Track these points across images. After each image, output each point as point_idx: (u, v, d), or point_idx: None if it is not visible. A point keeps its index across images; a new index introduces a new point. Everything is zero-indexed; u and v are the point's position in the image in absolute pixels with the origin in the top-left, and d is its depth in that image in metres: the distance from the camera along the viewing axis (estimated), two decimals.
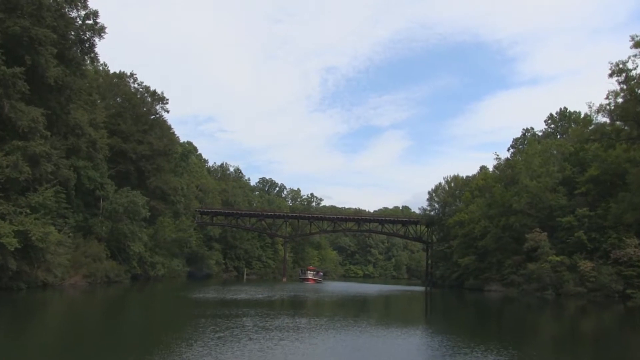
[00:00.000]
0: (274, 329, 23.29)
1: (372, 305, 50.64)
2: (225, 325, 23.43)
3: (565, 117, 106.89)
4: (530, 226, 79.21)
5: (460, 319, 39.08)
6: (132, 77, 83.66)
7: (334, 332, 23.81)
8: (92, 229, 63.51)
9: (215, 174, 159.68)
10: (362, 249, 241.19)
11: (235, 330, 22.20)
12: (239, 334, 21.00)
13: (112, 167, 74.77)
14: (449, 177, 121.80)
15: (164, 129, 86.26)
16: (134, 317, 29.88)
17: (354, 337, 22.74)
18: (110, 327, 25.24)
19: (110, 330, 23.87)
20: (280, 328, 23.98)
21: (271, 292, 58.36)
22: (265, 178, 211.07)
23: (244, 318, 27.32)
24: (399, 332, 25.53)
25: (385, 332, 25.54)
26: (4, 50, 38.42)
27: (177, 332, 22.56)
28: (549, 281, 72.92)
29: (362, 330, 25.09)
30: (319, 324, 26.69)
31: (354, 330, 25.15)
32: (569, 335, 30.21)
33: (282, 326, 24.76)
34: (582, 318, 44.65)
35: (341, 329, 25.11)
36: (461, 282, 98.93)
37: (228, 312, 30.94)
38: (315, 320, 28.89)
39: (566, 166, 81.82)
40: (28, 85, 40.39)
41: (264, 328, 23.36)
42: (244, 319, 26.56)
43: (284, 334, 21.96)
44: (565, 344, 25.49)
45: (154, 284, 71.60)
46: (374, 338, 22.77)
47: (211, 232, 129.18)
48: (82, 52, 51.07)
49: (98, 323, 27.02)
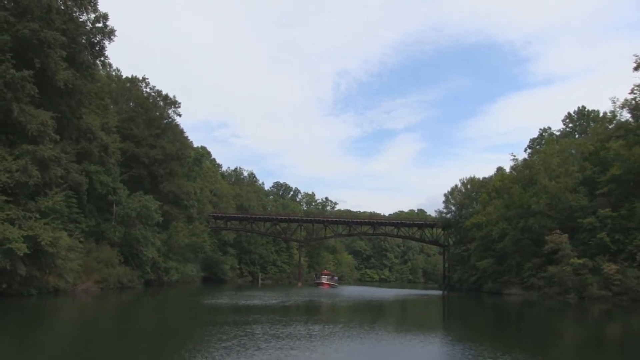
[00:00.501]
0: (285, 337, 22.12)
1: (389, 311, 49.31)
2: (233, 333, 22.37)
3: (583, 116, 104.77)
4: (549, 228, 77.38)
5: (481, 325, 37.60)
6: (144, 82, 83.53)
7: (349, 340, 22.58)
8: (104, 234, 63.09)
9: (229, 179, 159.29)
10: (378, 253, 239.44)
11: (244, 338, 21.09)
12: (247, 343, 19.89)
13: (124, 172, 74.49)
14: (465, 178, 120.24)
15: (177, 133, 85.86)
16: (141, 324, 28.90)
17: (370, 345, 21.51)
18: (115, 335, 24.35)
19: (114, 338, 22.99)
20: (292, 336, 22.81)
21: (285, 298, 57.25)
22: (279, 182, 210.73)
23: (254, 325, 26.19)
24: (418, 340, 24.22)
25: (403, 339, 24.27)
26: (14, 54, 38.03)
27: (183, 341, 21.62)
28: (571, 284, 71.06)
29: (378, 338, 23.83)
30: (333, 331, 25.38)
31: (370, 338, 23.88)
32: (597, 341, 28.74)
33: (293, 334, 23.58)
34: (609, 323, 42.98)
35: (356, 337, 23.86)
36: (479, 286, 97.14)
37: (238, 319, 29.90)
38: (329, 327, 27.54)
39: (586, 166, 79.82)
40: (38, 89, 40.07)
41: (274, 336, 22.21)
42: (254, 326, 25.43)
43: (295, 343, 20.77)
44: (593, 351, 24.11)
45: (167, 289, 70.93)
46: (391, 347, 21.51)
47: (225, 237, 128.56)
48: (93, 56, 50.61)
49: (104, 330, 26.17)
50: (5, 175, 36.35)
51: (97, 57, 51.46)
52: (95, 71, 55.38)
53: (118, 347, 20.20)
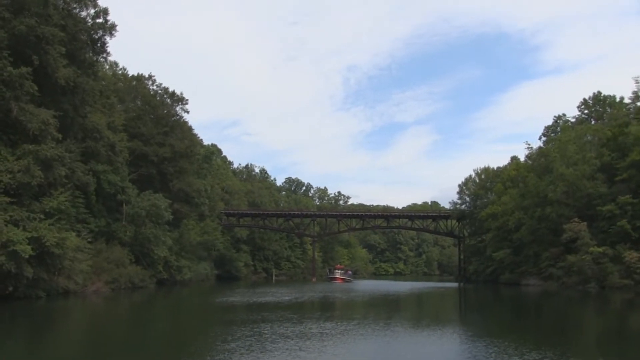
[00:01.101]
0: (295, 337, 20.82)
1: (405, 305, 48.00)
2: (240, 333, 21.22)
3: (599, 102, 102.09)
4: (567, 216, 75.56)
5: (501, 318, 36.15)
6: (150, 79, 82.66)
7: (363, 339, 21.30)
8: (114, 234, 62.39)
9: (240, 176, 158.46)
10: (392, 246, 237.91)
11: (250, 339, 19.90)
12: (253, 344, 18.69)
13: (133, 171, 73.81)
14: (479, 169, 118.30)
15: (185, 131, 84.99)
16: (147, 325, 27.74)
17: (385, 344, 20.16)
18: (118, 336, 23.48)
19: (116, 339, 22.15)
20: (302, 335, 21.50)
21: (299, 294, 56.07)
22: (291, 178, 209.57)
23: (263, 324, 24.94)
24: (436, 337, 22.85)
25: (421, 336, 22.92)
26: (11, 51, 37.11)
27: (187, 342, 20.49)
28: (591, 274, 69.31)
29: (394, 336, 22.48)
30: (347, 329, 24.05)
31: (386, 335, 22.50)
32: (624, 332, 27.28)
33: (304, 333, 22.30)
34: (634, 313, 41.49)
35: (371, 335, 22.54)
36: (496, 277, 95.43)
37: (247, 317, 28.81)
38: (342, 324, 26.23)
39: (604, 152, 77.78)
40: (38, 87, 39.19)
41: (283, 336, 20.95)
42: (262, 325, 24.17)
43: (304, 343, 19.45)
44: (622, 344, 22.59)
45: (180, 288, 70.19)
46: (408, 345, 20.19)
47: (238, 234, 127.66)
48: (94, 52, 49.64)
49: (109, 331, 25.26)
50: (8, 176, 35.49)
51: (99, 53, 50.47)
52: (97, 68, 54.42)
53: (117, 349, 19.40)
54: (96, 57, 50.99)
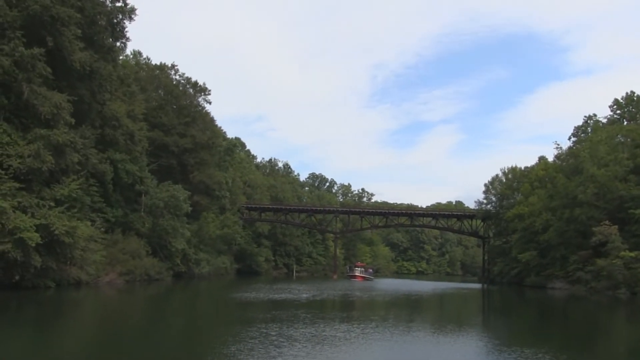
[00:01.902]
0: (303, 340, 18.91)
1: (427, 306, 45.90)
2: (245, 335, 19.52)
3: (632, 102, 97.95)
4: (597, 219, 73.00)
5: (530, 324, 33.78)
6: (173, 69, 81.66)
7: (379, 345, 19.21)
8: (131, 225, 61.44)
9: (263, 170, 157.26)
10: (415, 245, 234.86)
11: (254, 341, 18.13)
12: (256, 347, 16.92)
13: (153, 161, 72.89)
14: (506, 168, 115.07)
15: (207, 122, 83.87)
16: (150, 320, 26.17)
17: (403, 352, 18.20)
18: (118, 329, 22.09)
19: (115, 332, 20.89)
20: (311, 338, 19.57)
21: (317, 292, 54.22)
22: (315, 173, 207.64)
23: (272, 324, 23.12)
24: (460, 344, 20.73)
25: (444, 343, 20.76)
26: (24, 32, 35.92)
27: (183, 343, 18.94)
28: (621, 279, 66.84)
29: (414, 342, 20.45)
30: (362, 333, 22.05)
31: (405, 342, 20.37)
32: None
33: (314, 336, 20.32)
34: None
35: (389, 340, 20.39)
36: (521, 279, 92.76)
37: (257, 316, 27.14)
38: (359, 326, 24.29)
39: (638, 153, 74.52)
40: (52, 70, 37.97)
41: (290, 338, 19.06)
42: (271, 326, 22.32)
43: (312, 348, 17.52)
44: None
45: (198, 282, 69.09)
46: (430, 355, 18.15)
47: (260, 228, 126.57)
48: (114, 37, 48.44)
49: (111, 324, 23.89)
50: (17, 160, 34.37)
51: (118, 38, 49.21)
52: (117, 54, 53.26)
53: (112, 341, 18.29)
54: (115, 42, 49.72)
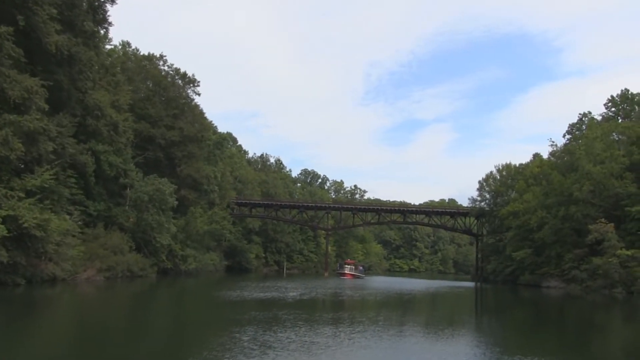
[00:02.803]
0: (279, 348, 16.55)
1: (419, 306, 44.03)
2: (214, 339, 17.54)
3: (627, 100, 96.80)
4: (593, 216, 72.14)
5: (527, 324, 32.15)
6: (162, 60, 79.38)
7: (365, 353, 17.07)
8: (114, 219, 59.35)
9: (255, 165, 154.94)
10: (408, 243, 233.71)
11: (222, 348, 15.98)
12: (222, 356, 14.83)
13: (139, 154, 71.04)
14: (501, 165, 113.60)
15: (196, 114, 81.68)
16: (110, 322, 23.58)
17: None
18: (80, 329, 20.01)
19: (76, 333, 18.76)
20: (288, 345, 17.25)
21: (306, 290, 52.10)
22: (307, 169, 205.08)
23: (249, 326, 20.93)
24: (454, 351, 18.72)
25: (436, 350, 18.74)
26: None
27: (142, 346, 16.81)
28: (618, 278, 66.04)
29: (405, 349, 18.33)
30: (348, 338, 19.82)
31: (396, 349, 18.10)
32: None
33: (293, 341, 18.06)
34: None
35: (377, 347, 18.14)
36: (515, 278, 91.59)
37: (235, 317, 25.01)
38: (345, 330, 22.18)
39: (634, 150, 73.35)
40: (25, 53, 35.76)
41: (264, 345, 16.79)
42: (246, 329, 20.13)
43: (284, 356, 15.36)
44: None
45: (184, 279, 66.95)
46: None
47: (250, 224, 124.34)
48: (95, 22, 46.16)
49: (76, 324, 21.79)
50: None
51: (100, 23, 46.94)
52: (99, 40, 50.97)
53: (74, 343, 16.38)
54: (97, 27, 47.41)
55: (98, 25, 47.60)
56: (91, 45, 46.53)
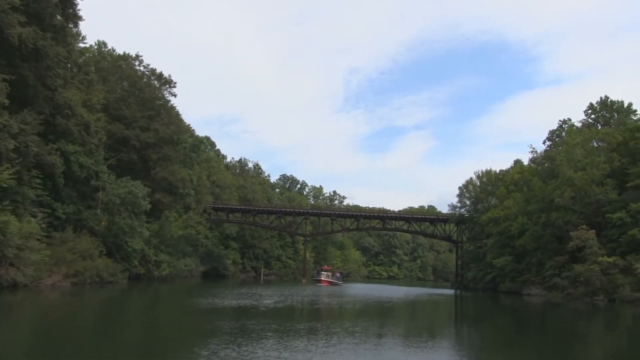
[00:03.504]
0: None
1: (399, 315, 42.64)
2: (169, 356, 15.74)
3: (606, 107, 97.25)
4: (574, 223, 71.70)
5: (506, 335, 30.92)
6: (137, 60, 77.33)
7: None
8: (85, 223, 57.22)
9: (233, 170, 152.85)
10: (387, 250, 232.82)
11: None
12: None
13: (112, 156, 69.06)
14: (481, 171, 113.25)
15: (172, 116, 79.71)
16: (65, 331, 21.55)
17: None
18: (28, 343, 18.17)
19: (24, 348, 16.87)
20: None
21: (282, 297, 50.43)
22: (286, 175, 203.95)
23: (211, 340, 18.82)
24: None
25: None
26: None
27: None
28: (599, 285, 65.52)
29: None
30: (319, 352, 18.04)
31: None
32: None
33: (255, 357, 16.10)
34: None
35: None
36: (495, 285, 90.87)
37: (198, 328, 23.13)
38: (317, 343, 20.40)
39: (614, 157, 73.15)
40: None
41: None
42: (208, 342, 18.06)
43: None
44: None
45: (157, 285, 64.82)
46: None
47: (228, 230, 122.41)
48: (64, 16, 44.25)
49: (21, 337, 19.95)
50: None
51: (69, 17, 45.00)
52: (72, 36, 49.02)
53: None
54: (67, 21, 45.43)
55: (68, 21, 45.67)
56: (60, 41, 44.60)
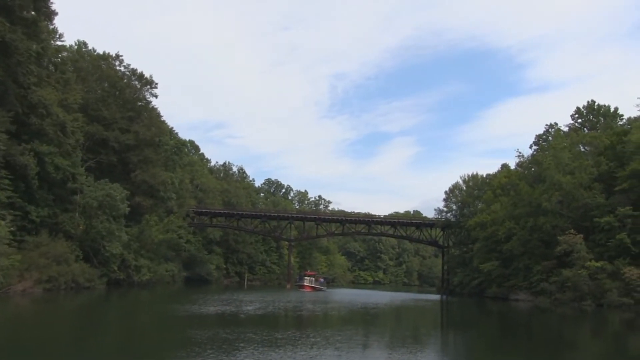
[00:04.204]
0: None
1: (384, 322, 41.25)
2: None
3: (593, 111, 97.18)
4: (562, 227, 70.86)
5: (493, 342, 29.81)
6: (118, 59, 75.49)
7: None
8: (61, 226, 55.25)
9: (217, 174, 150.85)
10: (372, 255, 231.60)
11: None
12: None
13: (91, 158, 67.07)
14: (467, 175, 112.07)
15: (153, 117, 77.83)
16: (18, 346, 19.72)
17: None
18: None
19: None
20: None
21: (263, 303, 48.76)
22: (270, 179, 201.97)
23: (179, 351, 17.44)
24: None
25: None
26: None
27: None
28: (587, 290, 64.55)
29: None
30: None
31: None
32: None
33: None
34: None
35: None
36: (482, 290, 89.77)
37: (169, 337, 21.60)
38: (293, 356, 18.77)
39: (602, 160, 72.53)
40: None
41: None
42: (176, 354, 16.59)
43: None
44: None
45: (137, 291, 62.93)
46: None
47: (211, 234, 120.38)
48: (36, 10, 42.50)
49: None
50: None
51: (40, 9, 43.21)
52: (46, 32, 47.19)
53: None
54: (39, 15, 43.65)
55: (41, 15, 43.87)
56: (33, 36, 42.84)
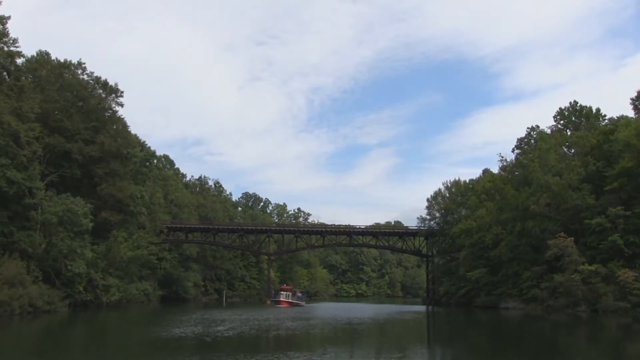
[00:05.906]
0: None
1: (370, 339, 37.47)
2: None
3: (576, 112, 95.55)
4: (551, 231, 68.43)
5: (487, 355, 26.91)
6: (80, 67, 71.32)
7: None
8: (16, 245, 50.88)
9: (193, 188, 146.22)
10: (354, 267, 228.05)
11: None
12: None
13: (53, 172, 62.84)
14: (449, 182, 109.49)
15: (119, 128, 73.59)
16: None
17: None
18: None
19: None
20: None
21: (238, 322, 44.11)
22: (248, 193, 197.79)
23: None
24: None
25: None
26: None
27: None
28: (580, 295, 61.97)
29: None
30: None
31: None
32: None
33: None
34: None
35: None
36: (470, 299, 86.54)
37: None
38: None
39: (589, 160, 70.34)
40: None
41: None
42: None
43: None
44: None
45: (106, 312, 58.53)
46: None
47: (187, 250, 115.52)
48: None
49: None
50: None
51: None
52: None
53: None
54: None
55: None
56: None
